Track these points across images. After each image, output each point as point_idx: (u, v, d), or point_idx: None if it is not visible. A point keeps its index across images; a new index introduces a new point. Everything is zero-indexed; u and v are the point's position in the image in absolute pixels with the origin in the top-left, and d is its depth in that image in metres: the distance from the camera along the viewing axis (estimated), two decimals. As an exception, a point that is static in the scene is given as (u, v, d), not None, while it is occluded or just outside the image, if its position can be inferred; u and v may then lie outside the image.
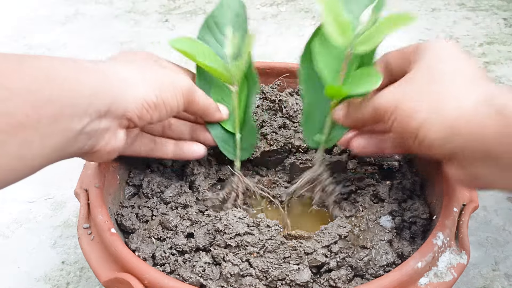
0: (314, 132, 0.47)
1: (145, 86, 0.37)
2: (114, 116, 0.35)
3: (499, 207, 0.62)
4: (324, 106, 0.46)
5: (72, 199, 0.63)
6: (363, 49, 0.40)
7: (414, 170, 0.51)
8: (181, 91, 0.40)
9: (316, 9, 1.09)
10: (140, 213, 0.46)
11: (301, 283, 0.39)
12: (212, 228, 0.43)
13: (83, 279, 0.55)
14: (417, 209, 0.46)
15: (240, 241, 0.41)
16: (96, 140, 0.35)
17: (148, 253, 0.42)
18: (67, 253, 0.58)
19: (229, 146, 0.49)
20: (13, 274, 0.55)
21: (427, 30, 0.99)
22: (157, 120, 0.40)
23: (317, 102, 0.46)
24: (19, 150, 0.29)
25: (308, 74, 0.46)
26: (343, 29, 0.39)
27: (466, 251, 0.39)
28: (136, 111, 0.37)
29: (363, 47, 0.40)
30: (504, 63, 0.90)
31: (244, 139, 0.49)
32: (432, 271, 0.37)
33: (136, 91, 0.37)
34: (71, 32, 1.04)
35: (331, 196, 0.48)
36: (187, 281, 0.40)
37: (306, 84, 0.46)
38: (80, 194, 0.43)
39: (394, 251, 0.42)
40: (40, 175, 0.34)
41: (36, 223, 0.61)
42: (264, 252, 0.41)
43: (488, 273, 0.54)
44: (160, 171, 0.52)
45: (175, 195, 0.48)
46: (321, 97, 0.44)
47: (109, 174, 0.47)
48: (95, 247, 0.40)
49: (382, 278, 0.36)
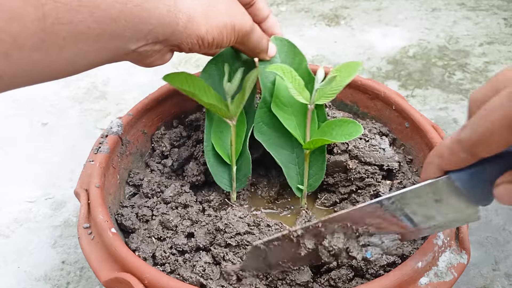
0: (296, 181, 0.50)
1: (206, 25, 0.39)
2: (168, 43, 0.38)
3: (499, 207, 0.62)
4: (296, 159, 0.50)
5: (72, 199, 0.63)
6: (324, 101, 0.46)
7: (415, 170, 0.51)
8: (238, 35, 0.42)
9: (316, 9, 1.09)
10: (140, 213, 0.46)
11: (301, 283, 0.39)
12: (212, 227, 0.43)
13: (83, 279, 0.55)
14: (417, 209, 0.46)
15: (241, 240, 0.41)
16: (145, 57, 0.38)
17: (148, 253, 0.42)
18: (67, 253, 0.58)
19: (225, 178, 0.50)
20: (13, 274, 0.55)
21: (427, 30, 0.99)
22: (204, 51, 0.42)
23: (288, 159, 0.50)
24: (75, 57, 0.31)
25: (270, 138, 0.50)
26: (301, 89, 0.46)
27: (466, 250, 0.39)
28: (190, 45, 0.39)
29: (324, 100, 0.46)
30: (504, 63, 0.90)
31: (240, 171, 0.50)
32: (432, 271, 0.37)
33: (196, 29, 0.38)
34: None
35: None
36: (187, 280, 0.40)
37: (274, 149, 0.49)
38: (80, 193, 0.43)
39: (394, 251, 0.42)
40: (40, 175, 0.34)
41: (36, 223, 0.61)
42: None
43: (488, 272, 0.54)
44: (160, 171, 0.52)
45: (175, 195, 0.48)
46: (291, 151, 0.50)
47: (109, 174, 0.47)
48: (95, 247, 0.40)
49: (382, 278, 0.36)
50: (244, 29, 0.42)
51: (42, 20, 0.28)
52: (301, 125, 0.48)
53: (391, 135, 0.55)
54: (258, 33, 0.45)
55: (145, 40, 0.35)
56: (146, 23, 0.34)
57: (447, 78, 0.87)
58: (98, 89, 0.83)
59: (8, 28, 0.26)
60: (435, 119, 0.77)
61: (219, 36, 0.40)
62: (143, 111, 0.53)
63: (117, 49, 0.34)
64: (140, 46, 0.35)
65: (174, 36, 0.37)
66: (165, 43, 0.37)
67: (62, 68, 0.32)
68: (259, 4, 0.48)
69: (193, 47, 0.39)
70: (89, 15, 0.30)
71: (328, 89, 0.45)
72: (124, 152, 0.51)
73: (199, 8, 0.38)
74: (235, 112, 0.46)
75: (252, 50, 0.47)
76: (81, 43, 0.30)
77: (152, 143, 0.55)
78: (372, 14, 1.06)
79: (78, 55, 0.31)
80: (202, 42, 0.39)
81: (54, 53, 0.30)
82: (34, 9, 0.27)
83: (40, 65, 0.30)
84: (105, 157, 0.46)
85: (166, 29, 0.36)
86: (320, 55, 0.93)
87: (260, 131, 0.49)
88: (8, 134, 0.74)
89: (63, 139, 0.73)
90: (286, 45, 0.50)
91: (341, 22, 1.04)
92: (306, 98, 0.46)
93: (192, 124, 0.56)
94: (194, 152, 0.53)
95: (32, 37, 0.28)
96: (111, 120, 0.51)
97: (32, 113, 0.78)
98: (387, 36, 0.98)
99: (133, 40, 0.34)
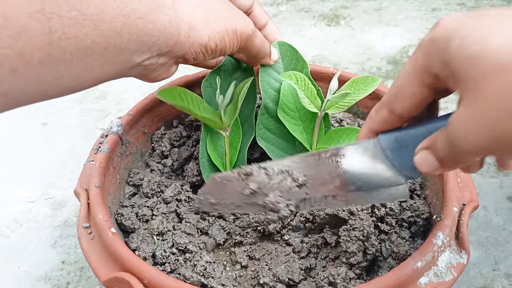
0: None
1: (208, 32, 0.39)
2: (173, 55, 0.38)
3: (499, 207, 0.62)
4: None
5: (72, 198, 0.63)
6: (335, 111, 0.45)
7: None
8: (240, 40, 0.42)
9: (316, 9, 1.09)
10: (140, 212, 0.46)
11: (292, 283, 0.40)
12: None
13: (83, 279, 0.55)
14: (417, 209, 0.46)
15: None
16: (151, 71, 0.38)
17: (148, 253, 0.42)
18: (67, 253, 0.58)
19: None
20: (13, 274, 0.55)
21: (427, 30, 0.99)
22: (209, 59, 0.42)
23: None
24: (81, 72, 0.31)
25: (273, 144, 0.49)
26: (313, 97, 0.45)
27: (466, 250, 0.39)
28: (194, 54, 0.39)
29: (334, 110, 0.45)
30: (504, 63, 0.90)
31: None
32: (432, 271, 0.37)
33: (198, 37, 0.38)
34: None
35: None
36: (188, 280, 0.40)
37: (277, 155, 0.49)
38: (80, 193, 0.43)
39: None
40: (40, 175, 0.34)
41: (36, 223, 0.61)
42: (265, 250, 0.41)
43: (488, 272, 0.54)
44: (160, 171, 0.52)
45: (175, 195, 0.48)
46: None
47: (109, 173, 0.47)
48: (95, 246, 0.40)
49: (382, 278, 0.35)
50: (246, 32, 0.42)
51: (49, 34, 0.28)
52: (308, 131, 0.48)
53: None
54: (260, 37, 0.45)
55: (150, 52, 0.35)
56: (149, 35, 0.34)
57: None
58: (98, 89, 0.84)
59: (15, 44, 0.26)
60: (435, 119, 0.77)
61: (222, 42, 0.40)
62: (143, 111, 0.53)
63: (122, 63, 0.34)
64: (145, 59, 0.35)
65: (178, 46, 0.37)
66: (170, 55, 0.38)
67: (69, 84, 0.31)
68: (257, 12, 0.48)
69: (197, 56, 0.39)
70: (94, 29, 0.30)
71: (340, 101, 0.45)
72: (124, 152, 0.51)
73: (200, 16, 0.38)
74: (228, 123, 0.46)
75: (256, 55, 0.46)
76: (87, 57, 0.31)
77: (152, 143, 0.55)
78: (372, 14, 1.06)
79: (84, 69, 0.31)
80: (206, 50, 0.39)
81: (61, 68, 0.29)
82: (40, 24, 0.27)
83: (47, 81, 0.30)
84: (105, 157, 0.46)
85: (169, 40, 0.36)
86: (320, 55, 0.93)
87: (262, 137, 0.49)
88: (8, 134, 0.74)
89: (63, 139, 0.73)
90: (289, 50, 0.50)
91: (341, 22, 1.04)
92: (317, 106, 0.45)
93: (192, 124, 0.56)
94: (194, 152, 0.53)
95: (39, 52, 0.28)
96: (111, 120, 0.51)
97: (32, 113, 0.78)
98: (387, 36, 0.98)
99: (138, 53, 0.34)
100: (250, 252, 0.44)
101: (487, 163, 0.69)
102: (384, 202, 0.43)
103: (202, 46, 0.39)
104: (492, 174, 0.67)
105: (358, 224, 0.41)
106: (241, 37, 0.42)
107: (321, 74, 0.56)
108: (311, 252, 0.44)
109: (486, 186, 0.65)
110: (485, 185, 0.65)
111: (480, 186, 0.64)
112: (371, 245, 0.41)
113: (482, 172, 0.67)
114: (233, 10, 0.42)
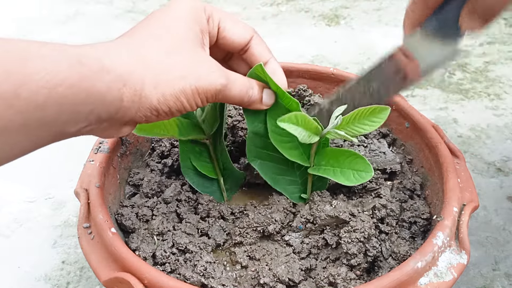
0: (294, 191, 0.49)
1: (157, 95, 0.34)
2: (117, 121, 0.33)
3: (499, 207, 0.62)
4: (294, 173, 0.48)
5: (72, 199, 0.63)
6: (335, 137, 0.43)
7: (415, 170, 0.51)
8: (205, 97, 0.37)
9: (316, 9, 1.09)
10: (140, 212, 0.46)
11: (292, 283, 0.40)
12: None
13: (83, 279, 0.55)
14: (417, 209, 0.46)
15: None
16: (96, 133, 0.34)
17: (148, 253, 0.42)
18: (67, 253, 0.58)
19: (211, 190, 0.50)
20: (13, 274, 0.55)
21: (427, 30, 0.99)
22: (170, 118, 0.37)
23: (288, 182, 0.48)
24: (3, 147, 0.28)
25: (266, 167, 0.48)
26: (315, 130, 0.42)
27: (466, 250, 0.39)
28: (144, 118, 0.34)
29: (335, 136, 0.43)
30: (504, 63, 0.90)
31: (227, 180, 0.50)
32: (432, 271, 0.37)
33: (144, 101, 0.33)
34: (71, 32, 1.04)
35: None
36: (188, 280, 0.40)
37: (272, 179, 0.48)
38: (80, 193, 0.43)
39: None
40: (40, 175, 0.34)
41: (36, 223, 0.61)
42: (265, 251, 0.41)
43: (488, 272, 0.54)
44: (160, 171, 0.52)
45: (176, 195, 0.48)
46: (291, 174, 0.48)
47: (109, 173, 0.47)
48: (95, 246, 0.40)
49: (382, 278, 0.35)
50: (213, 88, 0.36)
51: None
52: (306, 151, 0.46)
53: (391, 135, 0.55)
54: (239, 86, 0.39)
55: (87, 121, 0.31)
56: (84, 104, 0.30)
57: (447, 78, 0.87)
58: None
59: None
60: (435, 119, 0.77)
61: (177, 104, 0.35)
62: (143, 111, 0.53)
63: (55, 133, 0.30)
64: (82, 127, 0.31)
65: (121, 112, 0.32)
66: (112, 121, 0.33)
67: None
68: (255, 49, 0.42)
69: (150, 118, 0.35)
70: (8, 108, 0.27)
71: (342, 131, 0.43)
72: (124, 152, 0.51)
73: (149, 77, 0.33)
74: (208, 132, 0.47)
75: (238, 104, 0.41)
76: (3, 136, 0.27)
77: (152, 143, 0.55)
78: (372, 14, 1.06)
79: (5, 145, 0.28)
80: (158, 113, 0.34)
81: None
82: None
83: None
84: (105, 157, 0.47)
85: (109, 108, 0.31)
86: (320, 55, 0.93)
87: (255, 156, 0.47)
88: (8, 134, 0.74)
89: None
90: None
91: (341, 22, 1.04)
92: (318, 134, 0.43)
93: (192, 124, 0.56)
94: (194, 152, 0.53)
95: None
96: (111, 120, 0.51)
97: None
98: (387, 36, 0.98)
99: (72, 123, 0.30)
100: (250, 252, 0.44)
101: (487, 163, 0.69)
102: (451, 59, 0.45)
103: (153, 110, 0.34)
104: (492, 174, 0.67)
105: (359, 225, 0.41)
106: (205, 95, 0.36)
107: (321, 74, 0.56)
108: (312, 253, 0.44)
109: (486, 186, 0.65)
110: (485, 185, 0.65)
111: (480, 186, 0.64)
112: (372, 247, 0.41)
113: (482, 172, 0.67)
114: (196, 63, 0.36)
